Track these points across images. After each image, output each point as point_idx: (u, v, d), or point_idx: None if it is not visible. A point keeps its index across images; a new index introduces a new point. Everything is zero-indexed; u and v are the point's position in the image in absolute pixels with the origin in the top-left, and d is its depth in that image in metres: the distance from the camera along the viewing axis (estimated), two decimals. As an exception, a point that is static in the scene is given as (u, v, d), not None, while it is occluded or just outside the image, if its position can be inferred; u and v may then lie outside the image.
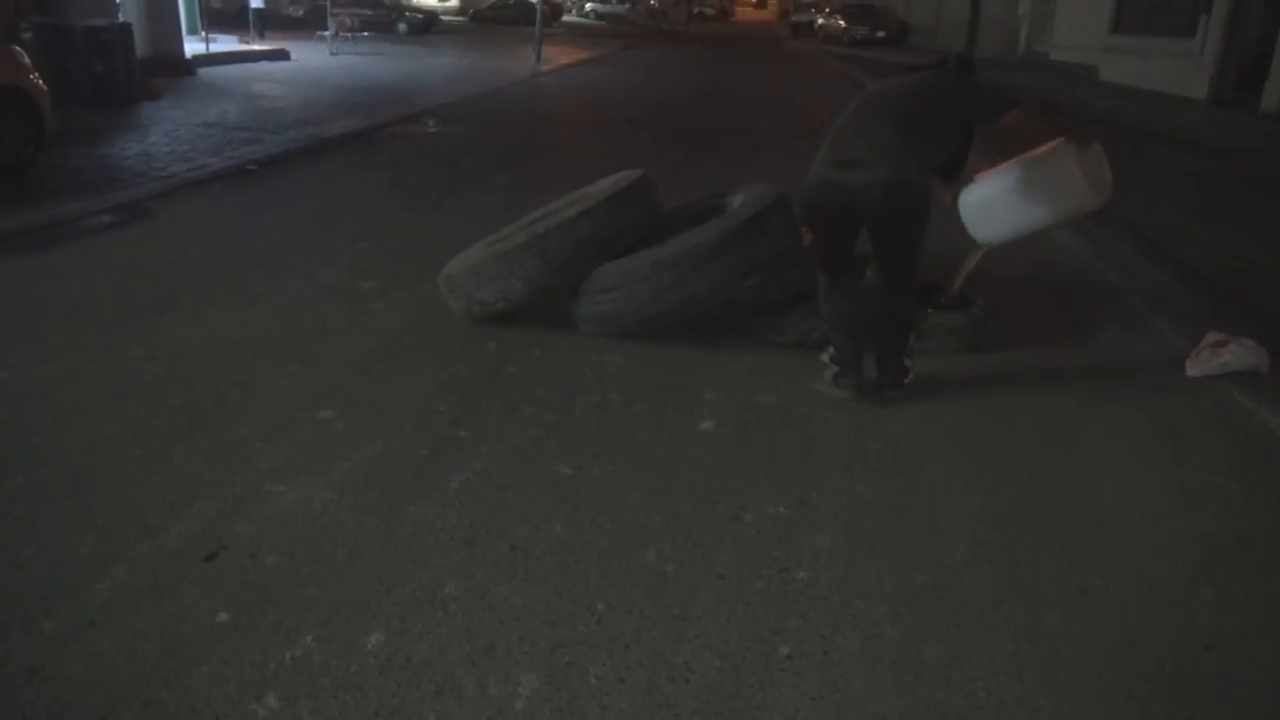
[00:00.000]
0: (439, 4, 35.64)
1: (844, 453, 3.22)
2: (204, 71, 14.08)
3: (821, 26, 33.02)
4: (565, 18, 40.03)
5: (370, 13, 25.08)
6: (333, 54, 18.12)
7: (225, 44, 17.04)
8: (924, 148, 3.35)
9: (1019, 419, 3.51)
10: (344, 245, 5.49)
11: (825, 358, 3.65)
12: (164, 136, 8.71)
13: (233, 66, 15.09)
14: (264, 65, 15.71)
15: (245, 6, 18.80)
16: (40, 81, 6.71)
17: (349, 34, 19.43)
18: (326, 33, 19.01)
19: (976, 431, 3.40)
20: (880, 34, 29.69)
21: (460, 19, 34.94)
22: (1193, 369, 3.89)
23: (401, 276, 4.85)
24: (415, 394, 3.53)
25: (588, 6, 42.09)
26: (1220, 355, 3.86)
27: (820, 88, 16.67)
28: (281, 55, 16.53)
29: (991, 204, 3.67)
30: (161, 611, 2.27)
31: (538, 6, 19.12)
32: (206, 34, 16.11)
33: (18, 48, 7.12)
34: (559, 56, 20.49)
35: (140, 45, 11.31)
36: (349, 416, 3.33)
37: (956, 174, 3.70)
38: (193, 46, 14.97)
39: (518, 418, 3.38)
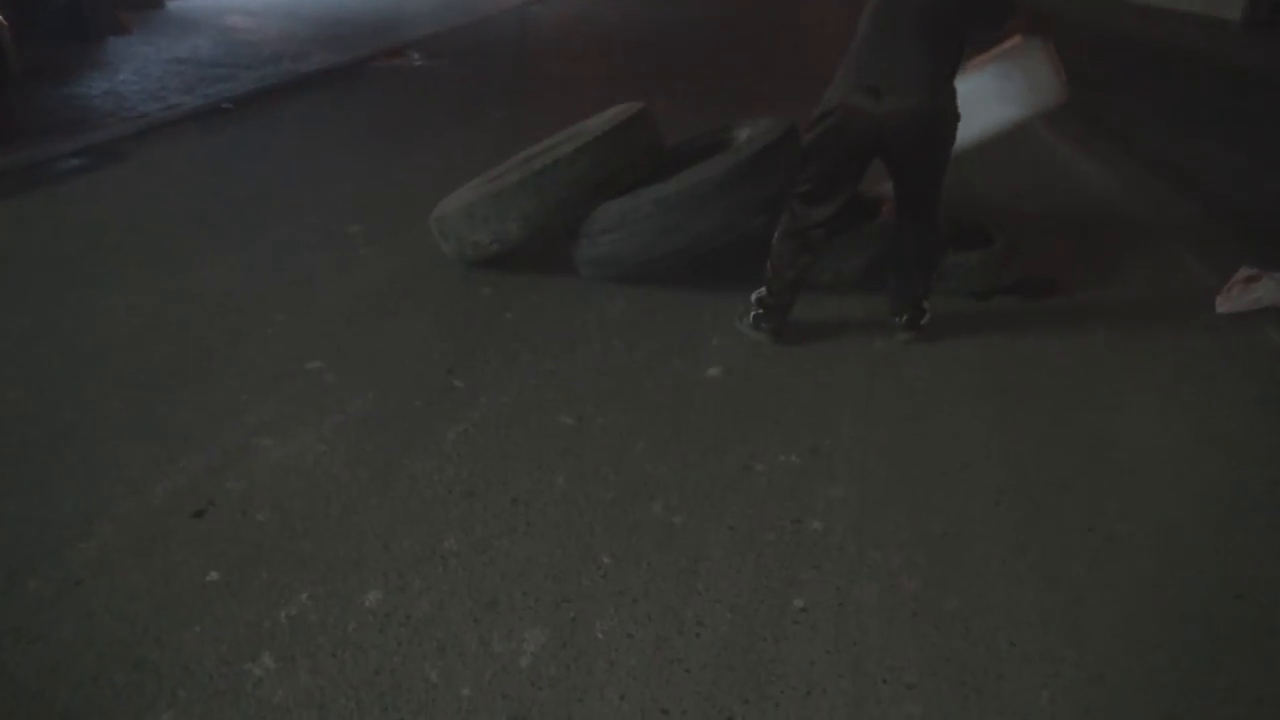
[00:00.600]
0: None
1: (858, 398, 3.21)
2: (174, 4, 13.82)
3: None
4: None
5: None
6: (309, -17, 17.72)
7: (195, -26, 16.66)
8: (949, 64, 3.23)
9: (1041, 361, 3.50)
10: (327, 188, 5.44)
11: (753, 297, 3.57)
12: (134, 74, 8.58)
13: (204, -2, 14.78)
14: (237, -4, 15.38)
15: (215, -67, 18.35)
16: (0, 17, 6.58)
17: (326, -39, 18.99)
18: (302, -40, 18.57)
19: (996, 375, 3.39)
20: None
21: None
22: (1223, 305, 3.88)
23: (390, 220, 4.81)
24: (408, 343, 3.52)
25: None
26: (1252, 291, 3.84)
27: (834, 13, 16.34)
28: (255, -15, 16.15)
29: (962, 106, 3.57)
30: (150, 570, 2.29)
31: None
32: (174, -37, 15.73)
33: (-26, -20, 6.98)
34: (550, -17, 20.04)
35: (104, -24, 11.08)
36: (339, 367, 3.32)
37: None
38: (161, -23, 14.64)
39: (517, 366, 3.37)
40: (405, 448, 2.84)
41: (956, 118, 3.29)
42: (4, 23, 6.65)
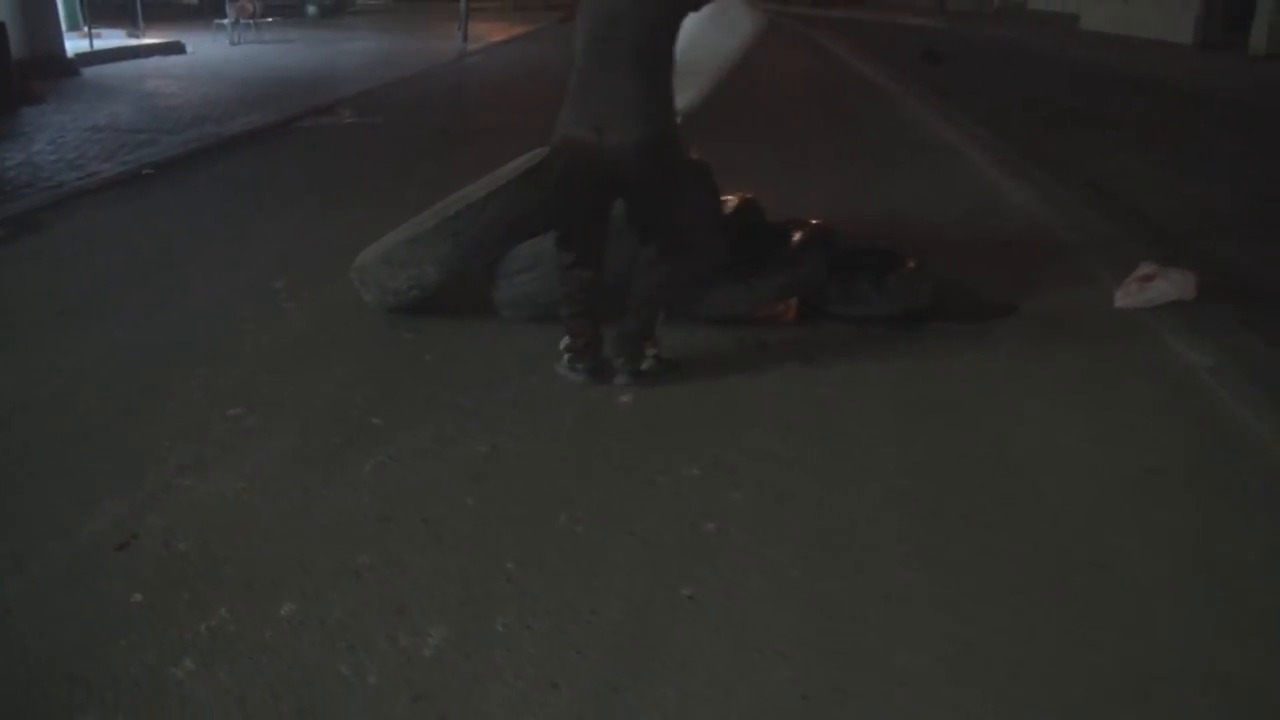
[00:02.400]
0: (352, -18, 35.84)
1: (766, 417, 3.64)
2: (90, 71, 14.31)
3: (782, -16, 33.46)
4: (498, -10, 40.36)
5: (275, -5, 25.33)
6: (234, 44, 18.39)
7: (112, 39, 17.26)
8: (664, 89, 3.54)
9: (947, 375, 3.95)
10: (252, 246, 5.85)
11: (561, 345, 3.92)
12: (49, 144, 9.00)
13: (122, 64, 15.33)
14: (156, 60, 15.96)
15: (131, -4, 19.03)
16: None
17: (251, 21, 19.69)
18: (225, 20, 19.25)
19: (903, 390, 3.83)
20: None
21: (379, -2, 35.24)
22: (1121, 301, 4.46)
23: (314, 274, 5.21)
24: (329, 387, 3.91)
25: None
26: (1147, 289, 4.36)
27: (791, 58, 17.17)
28: (176, 48, 16.78)
29: (687, 53, 3.86)
30: (78, 597, 2.64)
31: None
32: (90, 29, 16.32)
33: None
34: (489, 33, 20.90)
35: (15, 46, 11.56)
36: (261, 412, 3.70)
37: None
38: (75, 44, 15.20)
39: (435, 404, 3.77)
40: (324, 481, 3.22)
41: (681, 145, 3.68)
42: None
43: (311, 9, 26.79)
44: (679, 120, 3.73)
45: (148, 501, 3.09)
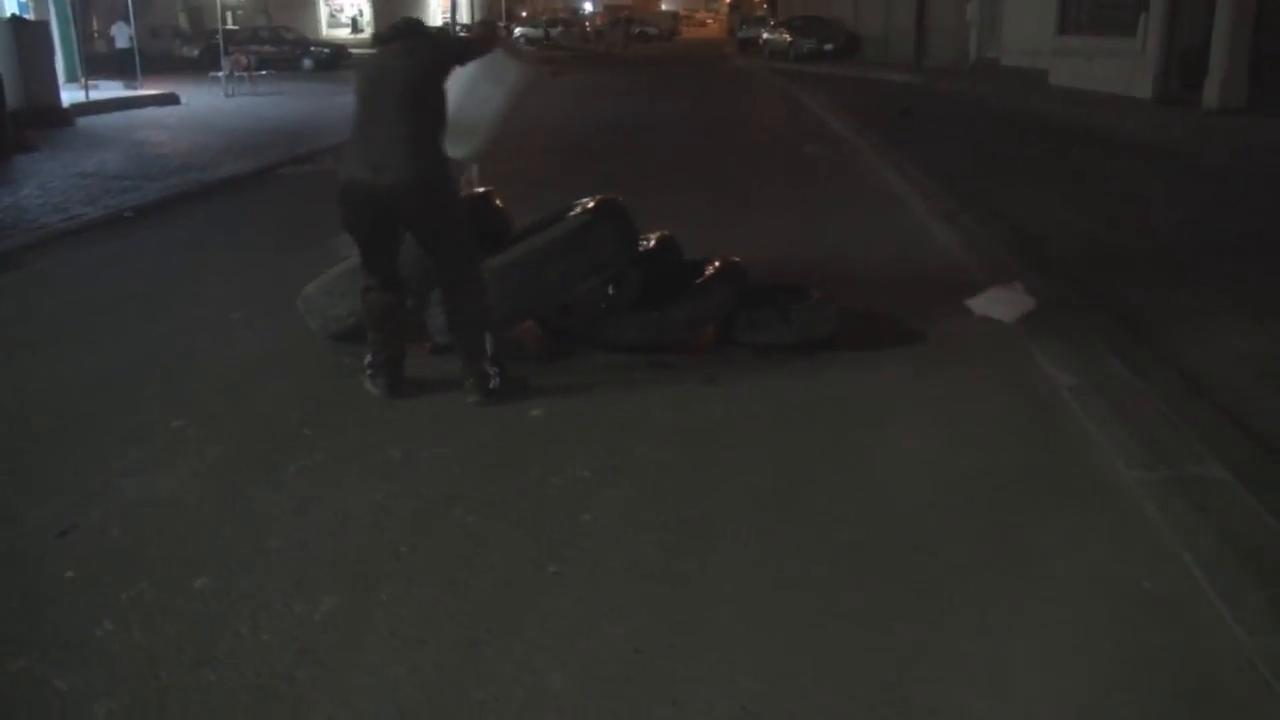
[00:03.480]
0: (351, 36, 36.82)
1: (659, 428, 4.04)
2: (84, 121, 14.90)
3: (767, 41, 34.44)
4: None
5: (271, 49, 26.13)
6: (228, 96, 19.03)
7: (109, 90, 17.91)
8: (432, 132, 4.01)
9: (829, 393, 4.35)
10: (217, 283, 6.29)
11: (366, 360, 4.32)
12: (37, 189, 9.50)
13: (116, 114, 15.94)
14: (150, 111, 16.57)
15: (128, 51, 19.71)
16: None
17: (245, 73, 20.37)
18: (220, 73, 19.92)
19: (785, 406, 4.24)
20: (828, 47, 31.15)
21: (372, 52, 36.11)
22: (973, 303, 5.38)
23: (272, 306, 5.63)
24: (267, 404, 4.32)
25: (517, 32, 43.60)
26: (997, 299, 5.31)
27: (763, 110, 17.79)
28: (171, 100, 17.41)
29: (463, 107, 4.35)
30: (17, 574, 3.03)
31: (450, 33, 20.16)
32: (86, 81, 16.95)
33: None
34: (476, 87, 21.49)
35: (12, 96, 12.13)
36: (202, 425, 4.11)
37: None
38: (73, 95, 15.81)
39: (362, 417, 4.18)
40: (250, 481, 3.62)
41: (451, 184, 4.16)
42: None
43: (308, 62, 27.57)
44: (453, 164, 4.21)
45: (90, 498, 3.48)
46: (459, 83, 4.29)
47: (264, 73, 21.47)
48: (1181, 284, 5.81)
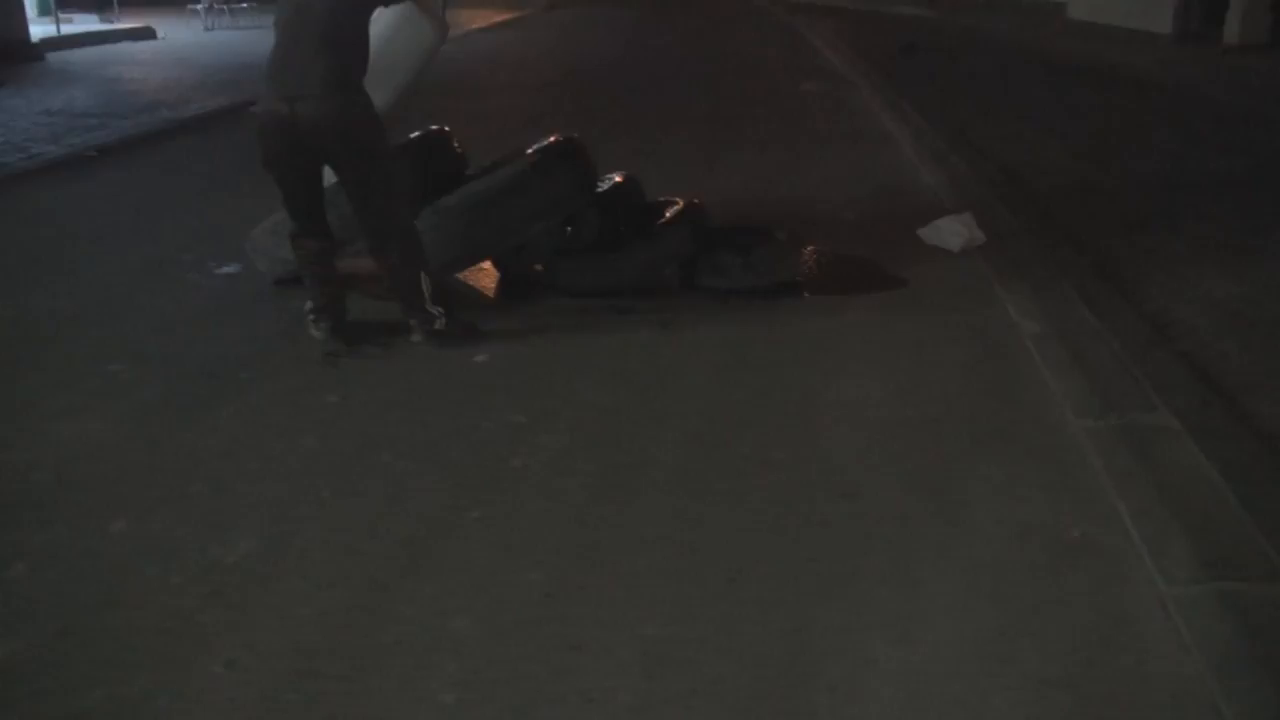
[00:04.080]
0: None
1: (603, 373, 4.08)
2: (55, 56, 14.82)
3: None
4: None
5: (255, -19, 25.79)
6: (207, 29, 18.90)
7: (84, 24, 17.78)
8: (354, 67, 3.97)
9: (782, 339, 4.39)
10: (174, 225, 6.32)
11: (306, 307, 4.31)
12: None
13: (89, 49, 15.84)
14: (125, 46, 16.46)
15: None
16: None
17: (225, 6, 20.19)
18: (200, 5, 19.75)
19: (735, 352, 4.27)
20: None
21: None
22: (922, 232, 5.63)
23: (226, 250, 5.66)
24: (208, 348, 4.37)
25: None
26: (942, 228, 5.54)
27: (763, 47, 17.59)
28: (147, 34, 17.29)
29: (384, 52, 4.32)
30: (-66, 515, 3.11)
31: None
32: (58, 15, 16.83)
33: None
34: (470, 20, 21.34)
35: (-24, 30, 12.06)
36: (138, 368, 4.16)
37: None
38: (44, 30, 15.71)
39: (303, 362, 4.23)
40: (180, 424, 3.69)
41: (374, 120, 4.10)
42: None
43: (293, -5, 27.18)
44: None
45: (16, 439, 3.56)
46: (377, 28, 4.27)
47: (245, 5, 21.24)
48: (1166, 227, 5.81)
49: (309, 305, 4.37)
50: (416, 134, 5.08)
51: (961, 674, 2.42)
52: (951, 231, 5.49)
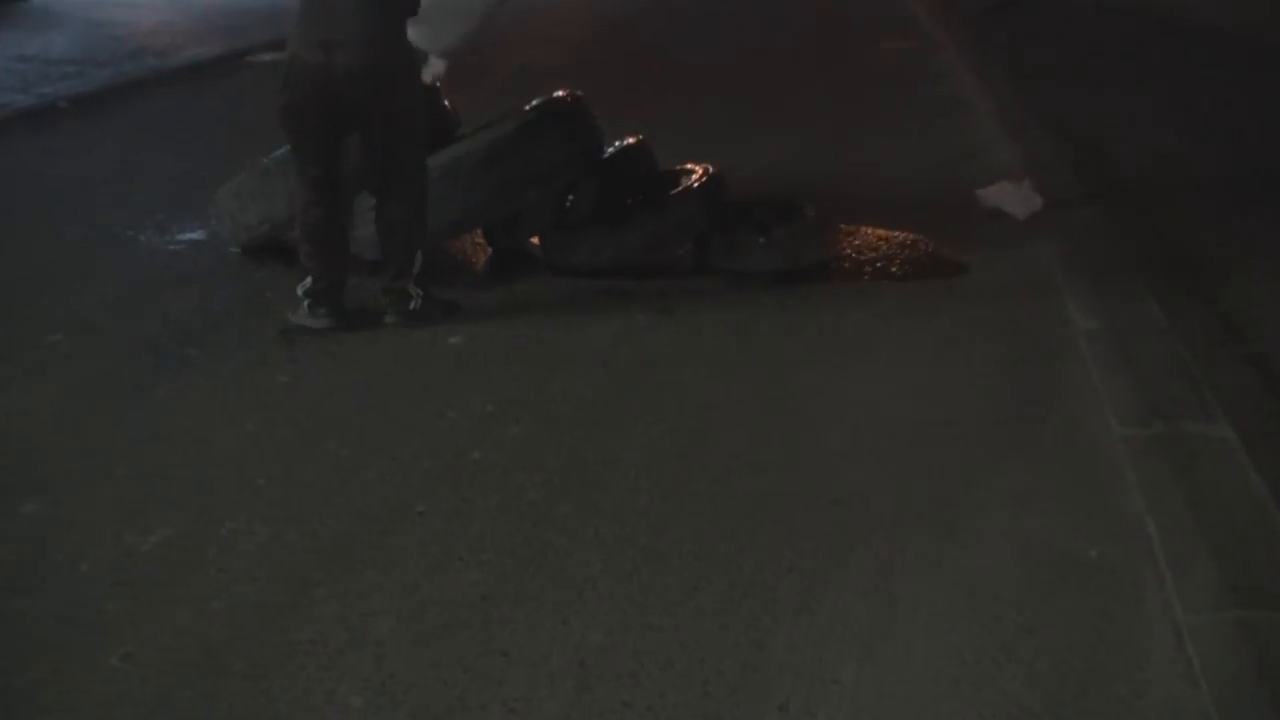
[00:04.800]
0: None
1: (585, 362, 4.21)
2: (40, -4, 15.26)
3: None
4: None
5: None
6: (210, -31, 19.28)
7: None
8: (396, 16, 4.09)
9: (796, 330, 4.47)
10: (141, 186, 6.56)
11: (300, 290, 4.36)
12: (-35, 74, 9.85)
13: (79, -12, 16.27)
14: (120, -15, 16.88)
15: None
16: None
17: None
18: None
19: (739, 343, 4.37)
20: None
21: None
22: (982, 195, 5.86)
23: (194, 215, 5.87)
24: (157, 321, 4.56)
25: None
26: (998, 193, 5.82)
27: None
28: (142, -27, 17.68)
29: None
30: None
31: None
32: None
33: None
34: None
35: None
36: (79, 339, 4.37)
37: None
38: (29, -34, 16.17)
39: (257, 339, 4.41)
40: (115, 402, 3.88)
41: (416, 74, 4.24)
42: None
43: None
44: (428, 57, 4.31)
45: (-62, 415, 3.77)
46: None
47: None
48: (1270, 218, 5.75)
49: (304, 287, 4.45)
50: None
51: (930, 698, 2.51)
52: (1020, 197, 5.74)
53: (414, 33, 4.40)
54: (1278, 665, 2.53)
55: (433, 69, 4.72)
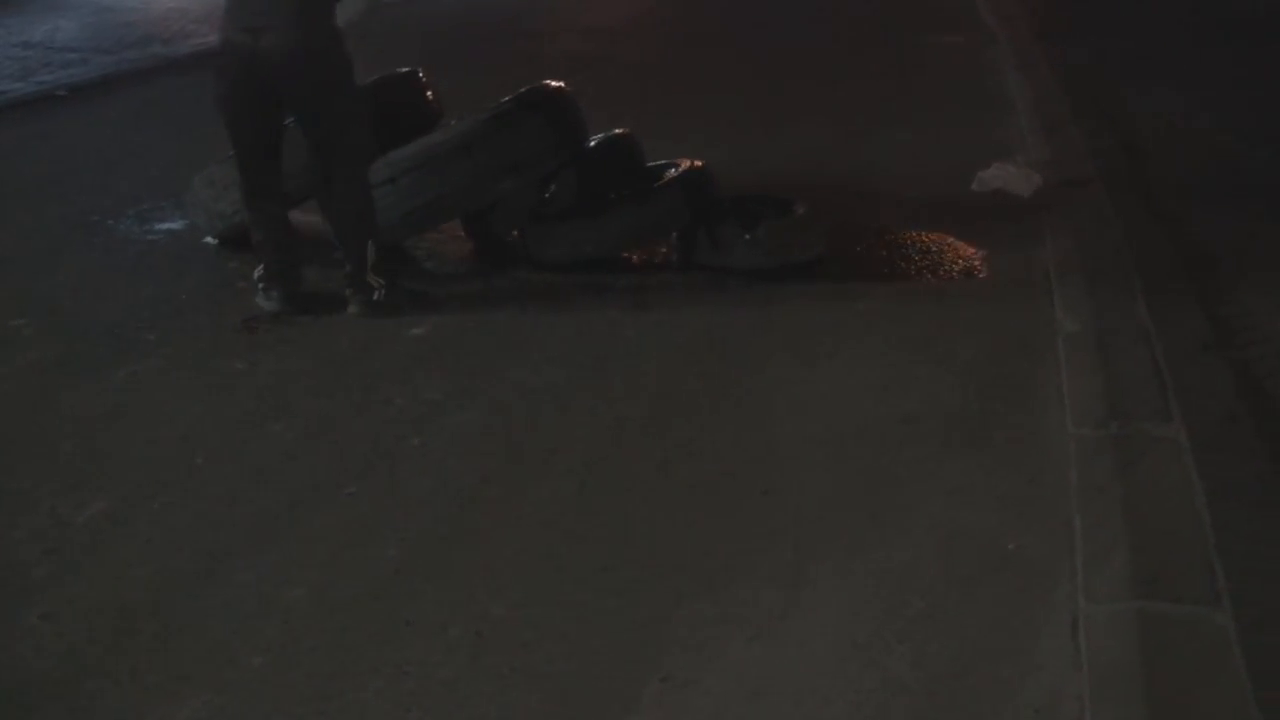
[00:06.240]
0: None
1: (548, 353, 4.54)
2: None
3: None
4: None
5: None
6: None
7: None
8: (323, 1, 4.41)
9: (769, 326, 4.77)
10: (128, 175, 7.02)
11: (255, 273, 4.83)
12: (-34, 59, 10.44)
13: (92, -28, 16.95)
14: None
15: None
16: None
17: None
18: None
19: (709, 338, 4.67)
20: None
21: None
22: (974, 186, 6.21)
23: (175, 205, 6.31)
24: (121, 307, 4.98)
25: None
26: (993, 175, 6.25)
27: None
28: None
29: None
30: None
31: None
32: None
33: None
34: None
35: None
36: (43, 324, 4.80)
37: None
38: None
39: (222, 327, 4.81)
40: (70, 384, 4.29)
41: (344, 56, 4.57)
42: None
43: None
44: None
45: (-109, 393, 4.20)
46: None
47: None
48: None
49: (259, 272, 4.89)
50: (376, 77, 5.58)
51: (814, 674, 2.81)
52: (1020, 176, 6.15)
53: None
54: (1161, 653, 2.80)
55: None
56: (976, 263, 5.45)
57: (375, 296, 4.80)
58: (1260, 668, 2.70)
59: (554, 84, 5.39)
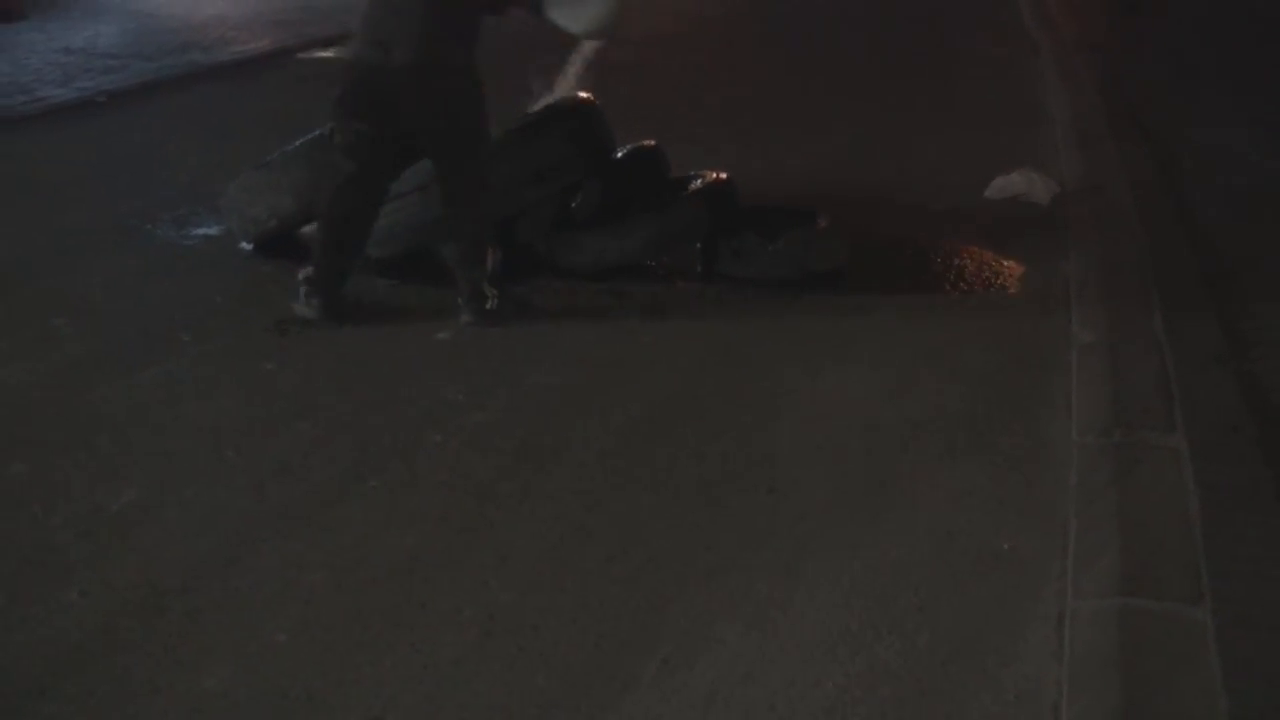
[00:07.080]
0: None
1: (565, 358, 4.80)
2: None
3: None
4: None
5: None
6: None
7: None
8: (459, 25, 4.64)
9: (784, 334, 5.02)
10: (164, 181, 7.33)
11: (300, 274, 4.94)
12: (9, 65, 10.83)
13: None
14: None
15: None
16: None
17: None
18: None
19: (725, 344, 4.92)
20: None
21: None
22: (989, 193, 6.56)
23: (211, 211, 6.62)
24: (156, 308, 5.28)
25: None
26: (1010, 183, 6.57)
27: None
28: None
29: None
30: None
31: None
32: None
33: None
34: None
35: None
36: (80, 322, 5.10)
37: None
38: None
39: (251, 330, 5.09)
40: (104, 379, 4.57)
41: (476, 85, 4.78)
42: None
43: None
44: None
45: (-69, 387, 4.51)
46: None
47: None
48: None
49: (305, 273, 5.08)
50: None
51: (805, 659, 3.04)
52: (1040, 183, 6.52)
53: (556, 14, 4.94)
54: (1139, 645, 3.01)
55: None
56: (998, 274, 5.66)
57: (488, 305, 5.05)
58: (1233, 659, 2.90)
59: (582, 95, 5.65)
